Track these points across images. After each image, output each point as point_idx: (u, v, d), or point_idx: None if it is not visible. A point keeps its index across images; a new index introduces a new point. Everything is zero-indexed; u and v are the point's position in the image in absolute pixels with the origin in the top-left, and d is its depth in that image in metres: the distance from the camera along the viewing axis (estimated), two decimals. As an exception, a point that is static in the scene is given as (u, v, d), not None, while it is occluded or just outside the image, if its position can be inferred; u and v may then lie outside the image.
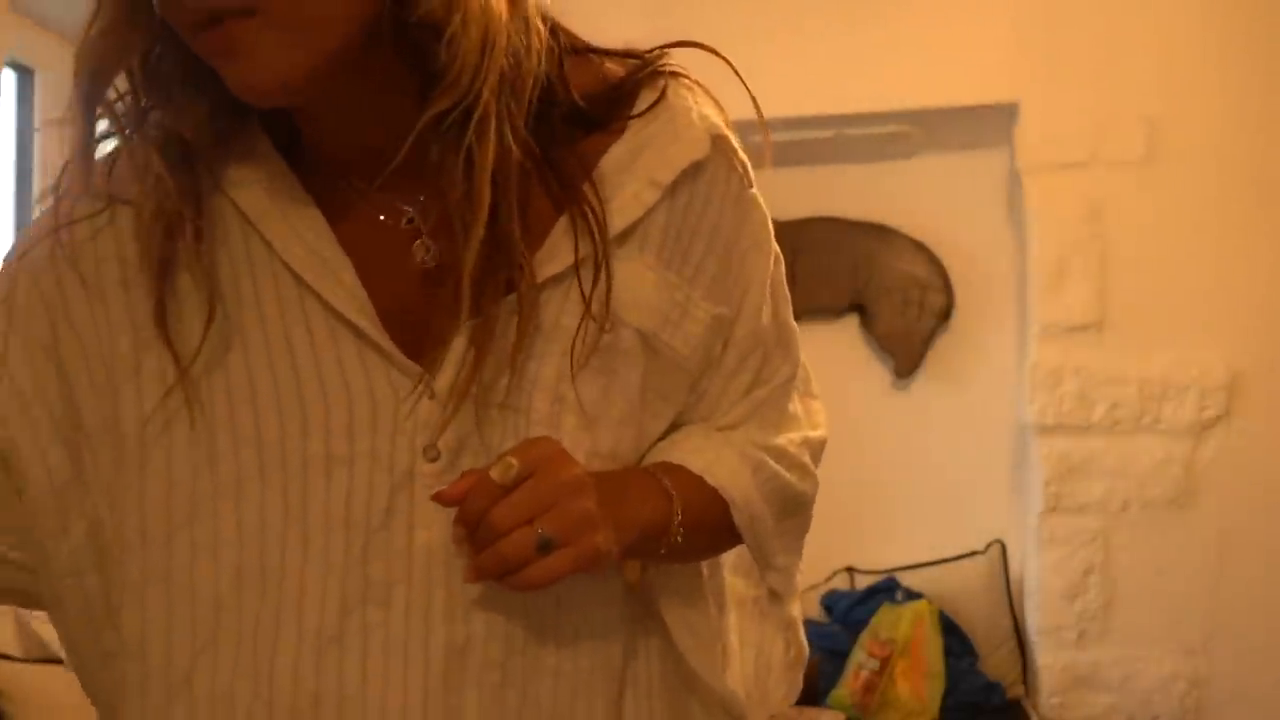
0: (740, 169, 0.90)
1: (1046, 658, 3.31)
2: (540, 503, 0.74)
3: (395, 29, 0.74)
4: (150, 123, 0.79)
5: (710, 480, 0.87)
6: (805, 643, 1.04)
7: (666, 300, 0.84)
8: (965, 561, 3.55)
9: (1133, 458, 3.29)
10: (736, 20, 3.46)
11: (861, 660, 3.26)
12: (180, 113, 0.78)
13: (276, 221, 0.80)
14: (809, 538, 1.16)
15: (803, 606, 3.63)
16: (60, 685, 2.32)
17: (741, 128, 0.96)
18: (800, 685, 1.04)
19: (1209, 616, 3.24)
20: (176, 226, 0.78)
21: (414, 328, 0.79)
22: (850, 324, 3.78)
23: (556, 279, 0.80)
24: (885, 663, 3.22)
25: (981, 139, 3.61)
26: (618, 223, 0.82)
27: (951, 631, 3.36)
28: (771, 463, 0.91)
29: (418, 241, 0.81)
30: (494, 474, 0.73)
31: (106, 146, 0.80)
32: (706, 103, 0.90)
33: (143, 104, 0.78)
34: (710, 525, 0.88)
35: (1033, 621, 3.40)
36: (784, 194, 3.72)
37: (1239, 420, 3.26)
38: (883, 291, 3.71)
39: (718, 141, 0.88)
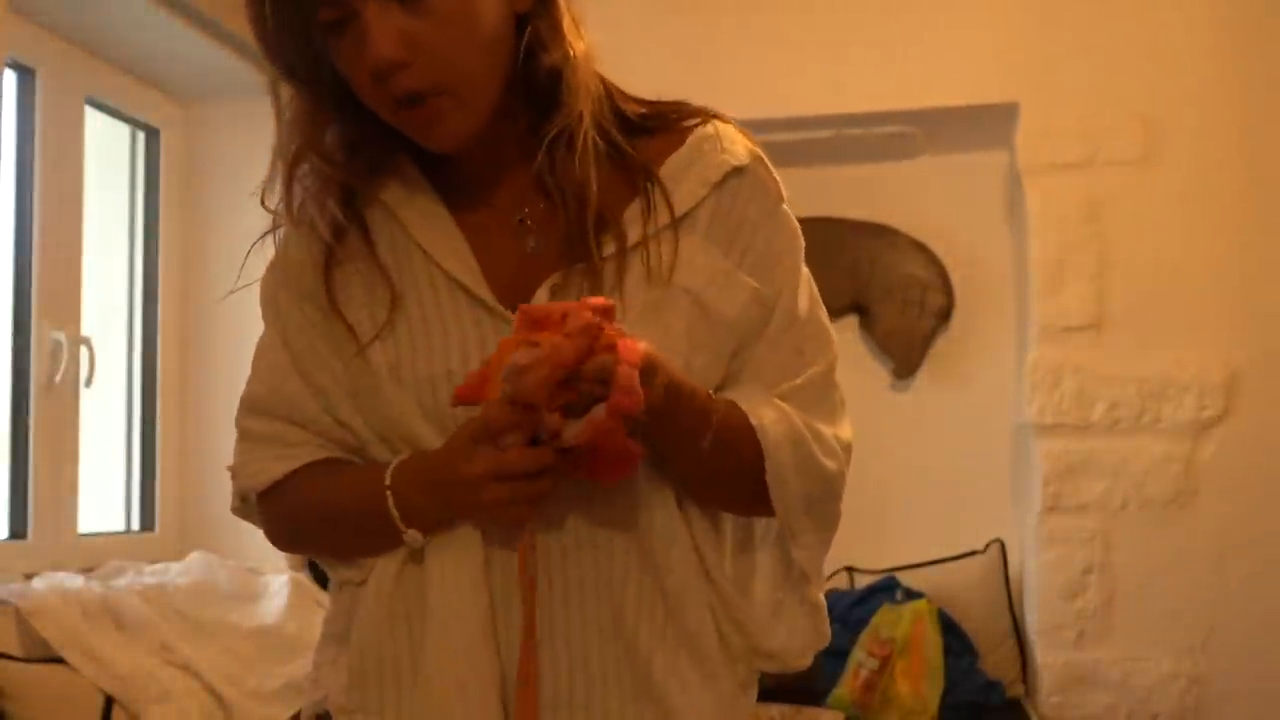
0: (774, 185, 1.16)
1: (1046, 657, 3.31)
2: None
3: (522, 78, 1.08)
4: (319, 171, 1.12)
5: (753, 418, 1.06)
6: (828, 629, 1.18)
7: (712, 269, 1.09)
8: (965, 561, 3.55)
9: (1132, 457, 3.29)
10: (738, 21, 3.46)
11: (861, 659, 3.26)
12: (344, 167, 1.11)
13: (417, 220, 1.12)
14: (809, 536, 1.17)
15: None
16: (60, 685, 2.32)
17: (748, 127, 1.01)
18: (815, 649, 1.17)
19: (1209, 615, 3.24)
20: (341, 236, 1.12)
21: (518, 294, 1.08)
22: (850, 324, 3.78)
23: (625, 251, 1.07)
24: (885, 662, 3.22)
25: (981, 139, 3.61)
26: (676, 210, 1.09)
27: (951, 631, 3.36)
28: (809, 437, 1.09)
29: (529, 235, 1.11)
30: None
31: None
32: (746, 136, 1.17)
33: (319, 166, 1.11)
34: (738, 457, 1.07)
35: (1032, 621, 3.41)
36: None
37: (1238, 419, 3.26)
38: (883, 291, 3.71)
39: (755, 159, 1.15)
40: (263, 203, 1.15)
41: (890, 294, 3.71)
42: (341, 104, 1.10)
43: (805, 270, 1.18)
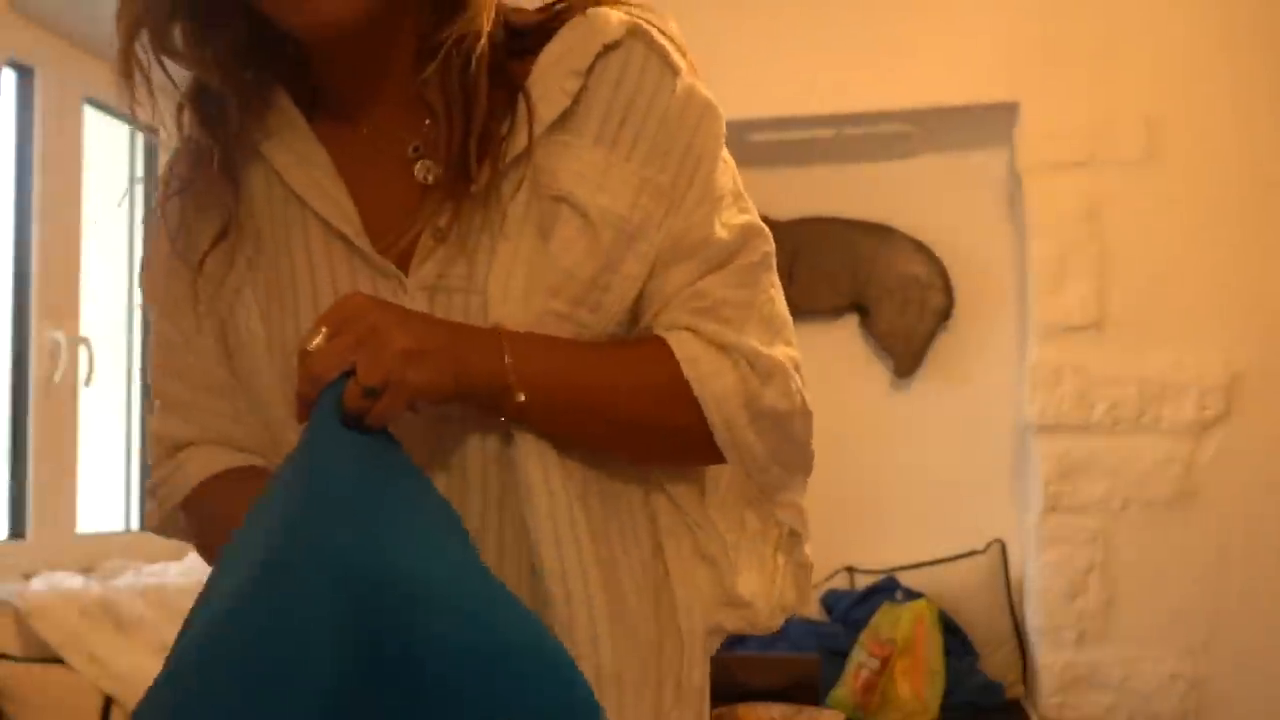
0: (661, 57, 0.97)
1: (1046, 657, 3.31)
2: (352, 352, 0.85)
3: None
4: (188, 80, 0.97)
5: (697, 388, 0.95)
6: (810, 591, 1.07)
7: (583, 166, 0.95)
8: (965, 561, 3.55)
9: (1133, 457, 3.29)
10: (737, 21, 3.46)
11: (862, 660, 3.26)
12: (208, 65, 0.96)
13: (285, 155, 0.98)
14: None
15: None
16: (60, 685, 2.32)
17: (739, 127, 0.99)
18: (791, 611, 1.06)
19: (1209, 616, 3.24)
20: (202, 159, 0.98)
21: (402, 238, 0.95)
22: (850, 324, 3.78)
23: (503, 172, 0.94)
24: (885, 662, 3.22)
25: (981, 139, 3.61)
26: (547, 113, 0.95)
27: (951, 631, 3.36)
28: (759, 384, 0.96)
29: (420, 162, 0.97)
30: (308, 345, 0.86)
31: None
32: (628, 11, 0.98)
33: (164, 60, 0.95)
34: (650, 422, 0.95)
35: (1033, 621, 3.41)
36: (784, 194, 3.74)
37: (1239, 420, 3.26)
38: (883, 291, 3.71)
39: (633, 30, 0.96)
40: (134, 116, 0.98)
41: (890, 294, 3.71)
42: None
43: (726, 158, 1.01)
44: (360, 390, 0.84)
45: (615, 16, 0.97)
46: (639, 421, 0.95)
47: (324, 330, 0.85)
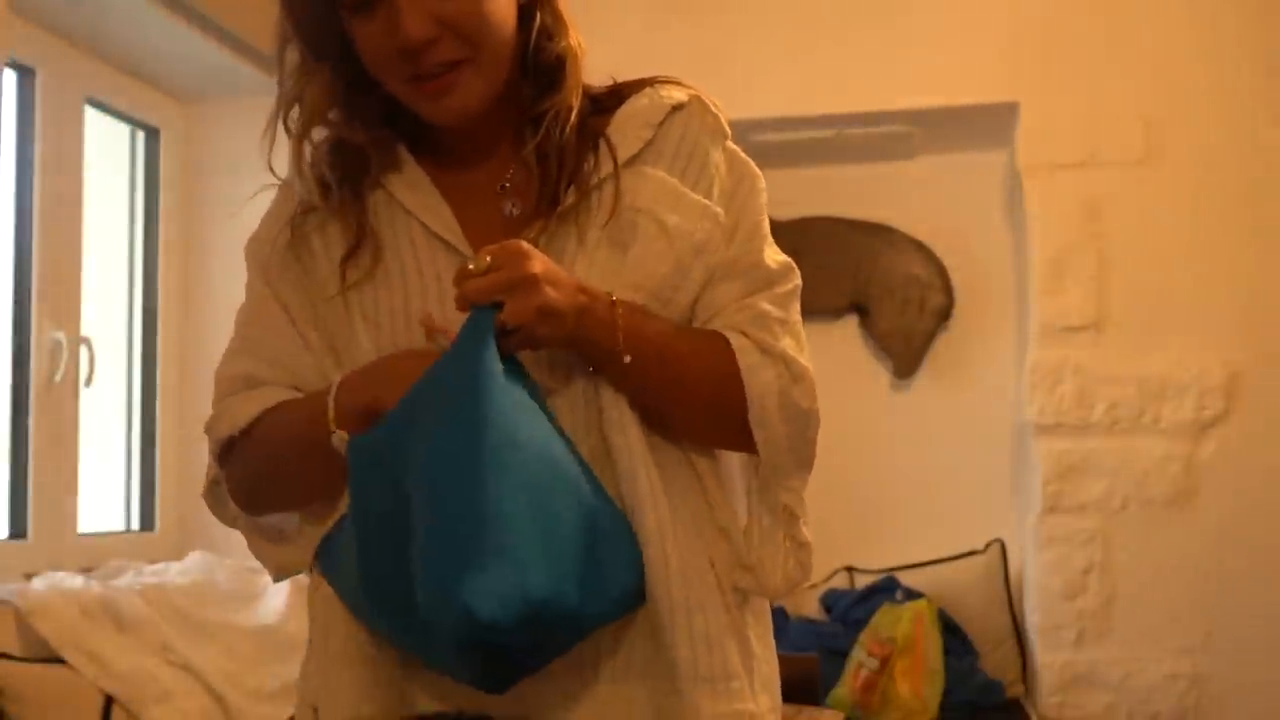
0: (716, 121, 1.23)
1: (1046, 657, 3.31)
2: (503, 292, 1.04)
3: (531, 63, 1.19)
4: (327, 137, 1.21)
5: (745, 377, 1.14)
6: (811, 565, 1.21)
7: (659, 189, 1.17)
8: (965, 561, 3.55)
9: (1132, 457, 3.29)
10: (738, 21, 3.47)
11: (861, 659, 3.26)
12: (355, 129, 1.20)
13: (399, 184, 1.21)
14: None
15: (802, 606, 3.61)
16: (60, 685, 2.32)
17: (740, 127, 1.00)
18: (797, 584, 1.20)
19: (1208, 616, 3.24)
20: (334, 185, 1.20)
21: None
22: (850, 324, 3.79)
23: (585, 194, 1.17)
24: (885, 662, 3.22)
25: (981, 139, 3.61)
26: (625, 154, 1.18)
27: (951, 631, 3.37)
28: (790, 378, 1.16)
29: (506, 198, 1.20)
30: (471, 264, 1.05)
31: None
32: (689, 87, 1.25)
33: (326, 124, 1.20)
34: (705, 396, 1.15)
35: (1032, 621, 3.41)
36: (784, 194, 3.71)
37: (1238, 420, 3.26)
38: (883, 291, 3.71)
39: (695, 98, 1.24)
40: (270, 168, 1.23)
41: (890, 294, 3.71)
42: (349, 80, 1.19)
43: (766, 213, 1.24)
44: (500, 325, 1.04)
45: (682, 89, 1.24)
46: (700, 393, 1.15)
47: (488, 260, 1.04)
